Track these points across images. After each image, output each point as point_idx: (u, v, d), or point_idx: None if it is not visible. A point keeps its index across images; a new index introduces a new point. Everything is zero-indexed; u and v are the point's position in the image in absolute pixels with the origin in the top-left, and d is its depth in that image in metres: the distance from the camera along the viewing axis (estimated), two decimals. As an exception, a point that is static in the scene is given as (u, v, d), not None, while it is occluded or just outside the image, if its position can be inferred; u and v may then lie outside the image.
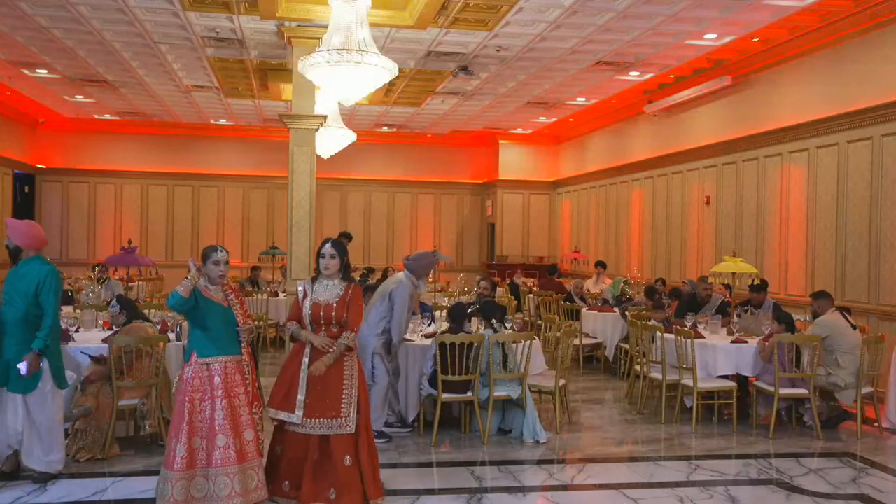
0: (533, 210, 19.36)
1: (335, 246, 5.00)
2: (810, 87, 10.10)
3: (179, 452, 4.50)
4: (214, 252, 4.84)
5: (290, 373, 4.91)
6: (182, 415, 4.56)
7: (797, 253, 10.26)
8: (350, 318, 4.92)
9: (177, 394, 4.67)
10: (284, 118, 10.28)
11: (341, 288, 4.97)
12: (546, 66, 11.73)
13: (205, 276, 4.79)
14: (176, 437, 4.54)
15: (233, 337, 4.76)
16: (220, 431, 4.56)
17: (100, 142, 18.47)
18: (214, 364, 4.66)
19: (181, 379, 4.67)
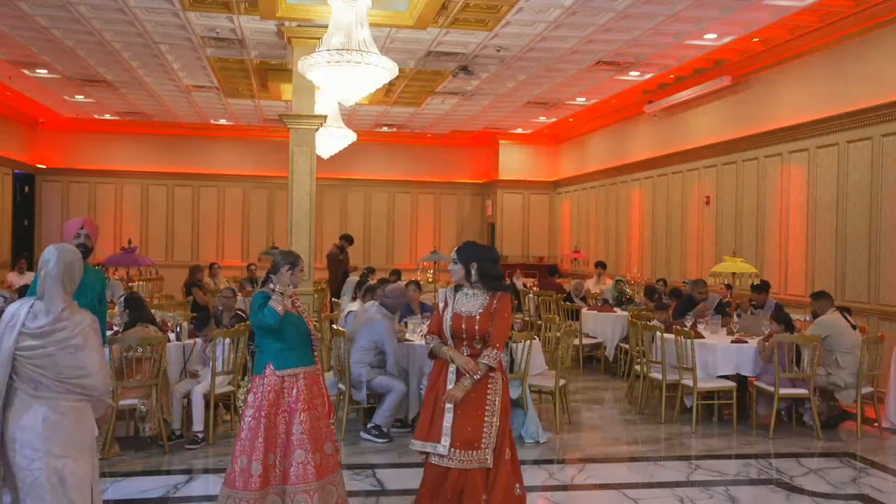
0: (533, 210, 19.36)
1: (458, 252, 4.45)
2: (810, 87, 10.10)
3: (255, 470, 4.23)
4: (299, 259, 4.59)
5: (433, 396, 4.32)
6: (257, 430, 4.27)
7: (797, 253, 10.26)
8: (494, 333, 4.28)
9: (246, 408, 4.36)
10: (284, 118, 10.28)
11: (485, 298, 4.35)
12: (546, 66, 11.73)
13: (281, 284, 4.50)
14: (249, 454, 4.26)
15: (308, 347, 4.54)
16: (299, 446, 4.31)
17: (100, 142, 18.47)
18: (292, 376, 4.41)
19: (253, 393, 4.36)
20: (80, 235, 5.23)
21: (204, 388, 6.56)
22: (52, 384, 3.29)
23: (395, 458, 6.33)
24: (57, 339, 3.27)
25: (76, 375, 3.31)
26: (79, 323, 3.34)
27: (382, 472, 5.94)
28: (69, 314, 3.34)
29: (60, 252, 3.42)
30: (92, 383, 3.35)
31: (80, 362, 3.30)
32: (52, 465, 3.25)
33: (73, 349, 3.29)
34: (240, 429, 4.39)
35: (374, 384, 6.94)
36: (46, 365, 3.27)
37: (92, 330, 3.38)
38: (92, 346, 3.35)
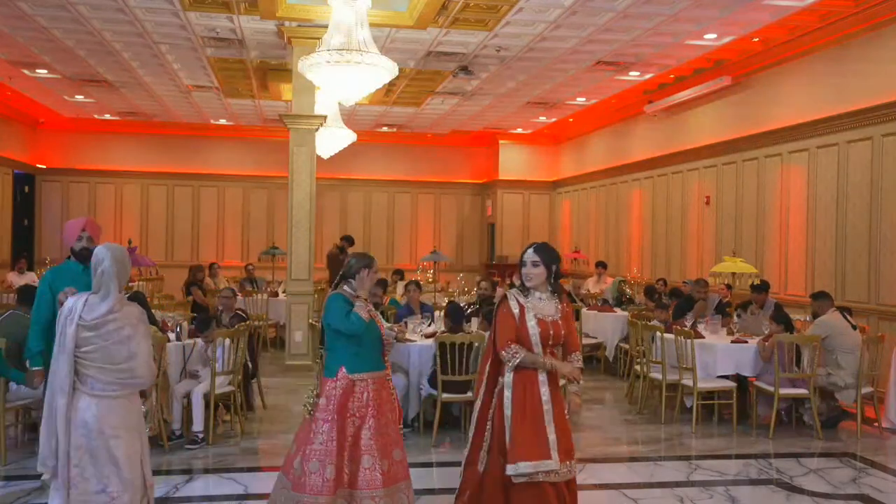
0: (533, 210, 19.36)
1: (539, 251, 4.18)
2: (810, 87, 10.10)
3: (329, 474, 4.11)
4: (374, 261, 4.48)
5: (529, 412, 4.03)
6: (330, 434, 4.17)
7: (797, 253, 10.25)
8: (572, 338, 4.21)
9: (318, 411, 4.25)
10: (284, 118, 10.29)
11: (556, 301, 4.19)
12: (546, 66, 11.73)
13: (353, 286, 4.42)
14: (322, 458, 4.14)
15: (379, 351, 4.42)
16: (367, 452, 4.20)
17: (100, 142, 18.47)
18: (364, 380, 4.29)
19: (325, 396, 4.26)
20: (83, 238, 5.16)
21: (204, 388, 6.56)
22: (106, 383, 3.63)
23: (395, 458, 6.33)
24: (109, 330, 3.62)
25: (126, 363, 3.65)
26: (128, 315, 3.70)
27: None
28: (120, 307, 3.69)
29: (112, 251, 3.75)
30: (139, 370, 3.68)
31: (130, 351, 3.65)
32: (106, 443, 3.61)
33: (124, 339, 3.64)
34: (309, 431, 4.23)
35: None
36: (100, 353, 3.61)
37: (140, 321, 3.73)
38: (140, 336, 3.70)
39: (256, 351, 8.64)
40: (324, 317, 4.43)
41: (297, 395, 8.66)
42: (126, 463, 3.64)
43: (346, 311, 4.26)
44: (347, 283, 4.43)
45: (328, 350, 4.39)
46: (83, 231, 5.19)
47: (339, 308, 4.29)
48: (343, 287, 4.43)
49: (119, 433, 3.64)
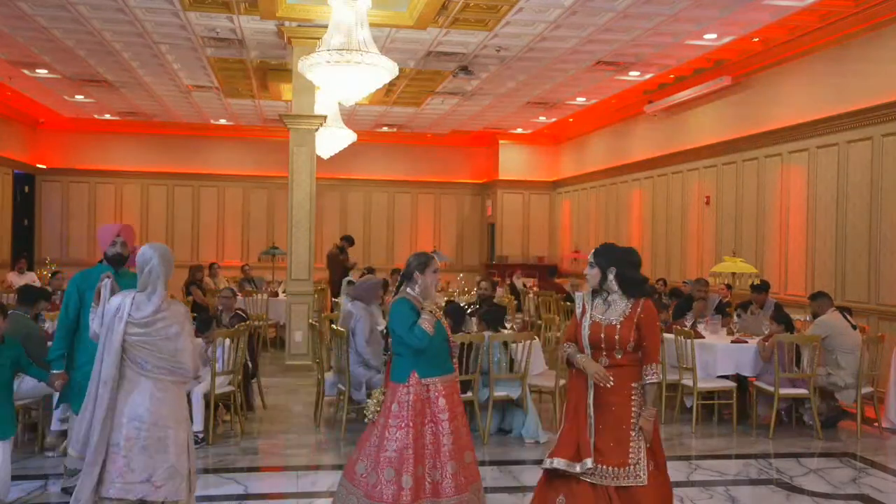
0: (533, 210, 19.36)
1: (595, 254, 4.10)
2: (810, 87, 10.10)
3: (406, 483, 4.01)
4: (433, 259, 4.38)
5: (573, 409, 4.06)
6: (405, 441, 4.08)
7: (797, 253, 10.25)
8: (648, 347, 3.96)
9: (389, 417, 4.16)
10: (284, 118, 10.29)
11: (627, 305, 4.01)
12: (546, 66, 11.73)
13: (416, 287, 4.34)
14: (398, 467, 4.04)
15: (448, 353, 4.33)
16: (450, 457, 4.12)
17: (100, 142, 18.47)
18: (436, 384, 4.20)
19: (397, 402, 4.16)
20: (117, 244, 5.09)
21: (204, 388, 6.56)
22: (155, 366, 3.80)
23: (395, 458, 6.33)
24: (158, 328, 3.78)
25: (174, 358, 3.81)
26: (175, 313, 3.86)
27: (382, 472, 5.93)
28: (167, 305, 3.85)
29: (159, 250, 3.91)
30: (186, 365, 3.85)
31: (176, 348, 3.81)
32: (157, 434, 3.78)
33: (172, 336, 3.80)
34: (381, 437, 4.14)
35: (374, 383, 6.93)
36: (149, 350, 3.78)
37: (186, 319, 3.89)
38: (186, 332, 3.86)
39: (256, 351, 8.63)
40: (389, 321, 4.31)
41: (297, 395, 8.67)
42: (174, 453, 3.79)
43: (411, 320, 4.17)
44: (409, 285, 4.34)
45: (396, 354, 4.28)
46: (118, 236, 5.13)
47: (403, 316, 4.20)
48: (406, 290, 4.34)
49: (170, 424, 3.80)
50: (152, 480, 3.74)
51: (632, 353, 3.98)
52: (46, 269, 14.18)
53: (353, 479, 4.19)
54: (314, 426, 7.34)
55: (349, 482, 4.22)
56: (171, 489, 3.77)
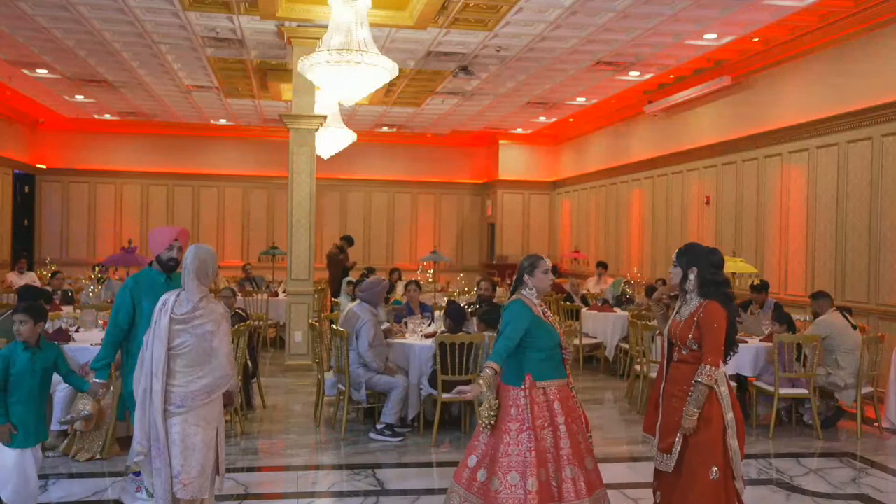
0: (533, 210, 19.36)
1: (678, 254, 4.18)
2: (810, 87, 10.10)
3: (532, 486, 3.94)
4: (541, 260, 4.32)
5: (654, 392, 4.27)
6: (526, 444, 4.01)
7: (797, 253, 10.25)
8: (704, 347, 4.01)
9: (507, 421, 4.10)
10: (284, 118, 10.29)
11: (696, 304, 4.10)
12: (546, 66, 11.73)
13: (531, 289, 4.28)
14: (521, 470, 3.97)
15: (560, 358, 4.27)
16: (568, 462, 4.08)
17: (100, 142, 18.47)
18: (551, 388, 4.15)
19: (514, 405, 4.11)
20: (174, 248, 4.93)
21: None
22: (189, 364, 3.88)
23: (395, 458, 6.33)
24: (194, 325, 3.87)
25: (207, 357, 3.87)
26: (212, 311, 3.93)
27: (382, 471, 5.94)
28: (205, 304, 3.94)
29: (196, 251, 4.01)
30: (220, 365, 3.90)
31: (211, 347, 3.87)
32: (186, 431, 3.87)
33: (207, 335, 3.87)
34: (498, 442, 4.09)
35: (374, 383, 6.94)
36: (188, 348, 3.87)
37: (223, 318, 3.94)
38: (222, 332, 3.91)
39: (256, 351, 8.63)
40: (501, 321, 4.25)
41: (297, 395, 8.67)
42: (202, 452, 3.88)
43: (523, 325, 4.13)
44: (522, 287, 4.30)
45: (509, 357, 4.18)
46: (175, 240, 4.98)
47: (515, 316, 4.16)
48: (522, 292, 4.29)
49: (200, 423, 3.89)
50: (180, 478, 3.86)
51: (696, 352, 4.05)
52: (46, 270, 14.17)
53: (470, 487, 4.13)
54: (314, 426, 7.34)
55: (465, 490, 4.16)
56: (197, 487, 3.87)
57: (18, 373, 4.36)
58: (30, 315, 4.43)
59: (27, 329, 4.41)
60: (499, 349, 4.06)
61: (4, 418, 4.30)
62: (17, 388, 4.35)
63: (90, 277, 11.41)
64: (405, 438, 6.82)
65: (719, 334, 4.01)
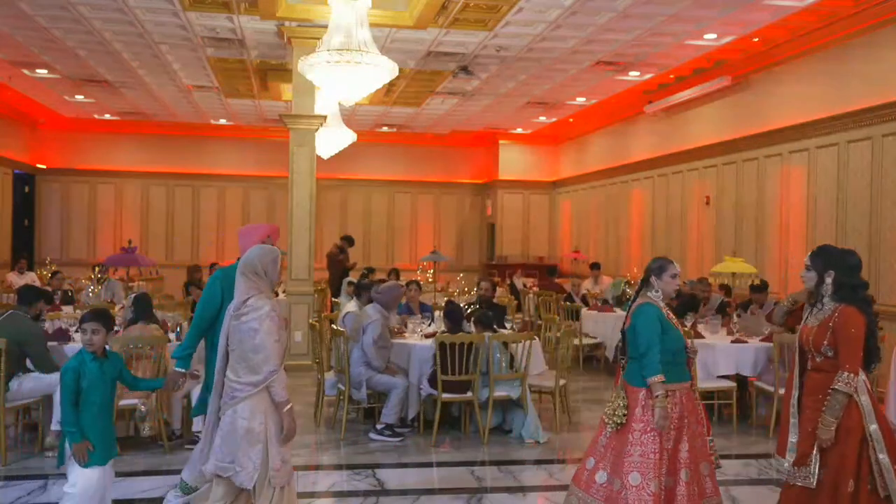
0: (533, 210, 19.36)
1: (811, 256, 4.07)
2: (810, 87, 10.10)
3: (653, 488, 3.94)
4: (670, 264, 4.30)
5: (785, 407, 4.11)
6: (650, 446, 4.01)
7: (797, 253, 10.25)
8: (841, 353, 3.86)
9: (633, 422, 4.09)
10: (284, 118, 10.28)
11: (830, 309, 3.97)
12: (546, 66, 11.73)
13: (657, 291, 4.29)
14: (643, 472, 3.97)
15: (685, 361, 4.25)
16: (684, 465, 4.04)
17: (100, 142, 18.47)
18: (675, 391, 4.11)
19: (640, 406, 4.10)
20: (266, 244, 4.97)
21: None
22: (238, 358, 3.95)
23: (395, 458, 6.33)
24: (241, 321, 3.94)
25: (251, 353, 3.91)
26: (257, 309, 3.94)
27: (382, 472, 5.94)
28: (253, 301, 3.97)
29: (251, 250, 4.13)
30: (264, 360, 3.90)
31: (254, 344, 3.90)
32: (237, 423, 3.92)
33: (251, 332, 3.90)
34: (623, 442, 4.08)
35: (374, 383, 6.94)
36: (235, 339, 3.96)
37: (268, 317, 3.92)
38: (265, 330, 3.91)
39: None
40: (633, 324, 4.24)
41: (297, 395, 8.62)
42: (246, 440, 3.90)
43: (657, 330, 4.12)
44: (648, 289, 4.30)
45: (633, 360, 4.23)
46: (268, 237, 4.97)
47: (650, 321, 4.14)
48: (649, 294, 4.28)
49: (244, 413, 3.91)
50: (232, 465, 3.93)
51: (832, 359, 3.91)
52: (46, 270, 14.18)
53: (589, 490, 4.13)
54: (314, 426, 7.33)
55: (584, 492, 4.15)
56: (245, 477, 3.90)
57: (89, 385, 4.09)
58: (102, 323, 4.19)
59: (100, 339, 4.16)
60: (653, 359, 4.04)
61: (79, 435, 4.03)
62: (89, 402, 4.09)
63: (90, 277, 11.41)
64: (405, 438, 6.82)
65: (857, 340, 3.87)
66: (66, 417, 4.07)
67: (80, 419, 4.04)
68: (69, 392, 4.05)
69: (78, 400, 4.06)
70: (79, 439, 4.03)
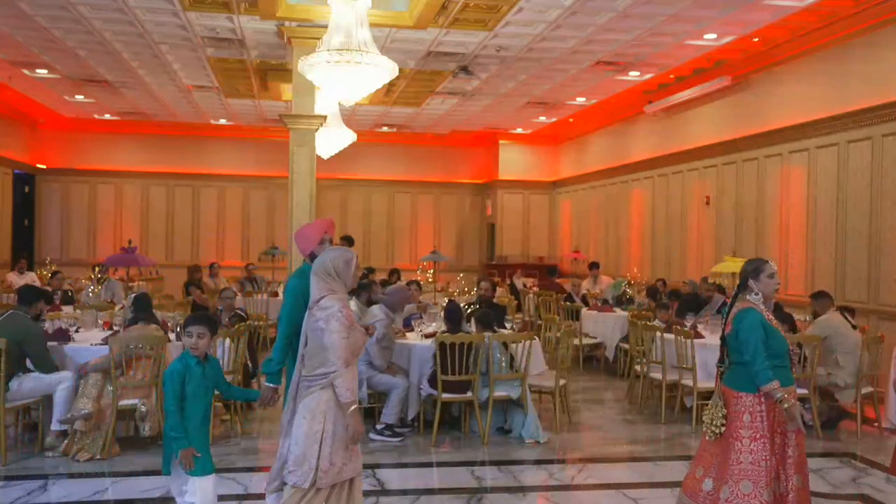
0: (533, 210, 19.36)
1: None
2: (810, 87, 10.10)
3: (766, 497, 3.90)
4: (766, 264, 4.20)
5: None
6: (761, 454, 3.94)
7: (797, 253, 10.25)
8: None
9: (741, 429, 4.01)
10: (284, 118, 10.28)
11: None
12: (546, 66, 11.73)
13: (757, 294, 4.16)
14: (754, 479, 3.91)
15: (790, 365, 4.19)
16: (796, 470, 3.99)
17: (100, 142, 18.47)
18: None
19: (748, 412, 4.01)
20: (325, 242, 4.89)
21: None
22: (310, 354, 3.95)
23: (395, 458, 6.33)
24: (313, 319, 3.95)
25: (321, 351, 3.91)
26: (326, 308, 3.92)
27: (382, 472, 5.93)
28: (324, 301, 3.95)
29: (325, 252, 4.13)
30: (329, 360, 3.88)
31: (323, 342, 3.89)
32: (297, 420, 3.94)
33: (319, 331, 3.91)
34: (727, 450, 4.03)
35: (375, 382, 6.95)
36: (309, 340, 3.97)
37: (334, 317, 3.89)
38: (332, 330, 3.88)
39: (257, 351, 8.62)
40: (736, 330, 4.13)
41: (297, 395, 8.66)
42: (303, 441, 3.89)
43: (761, 336, 4.02)
44: (745, 292, 4.20)
45: (739, 364, 4.10)
46: (325, 234, 4.95)
47: (754, 328, 4.03)
48: (748, 298, 4.19)
49: (304, 414, 3.91)
50: (288, 464, 3.93)
51: None
52: (46, 270, 14.18)
53: (696, 498, 4.09)
54: (314, 426, 7.32)
55: (691, 500, 4.12)
56: (300, 476, 3.87)
57: (194, 390, 4.05)
58: (207, 328, 4.16)
59: (205, 343, 4.13)
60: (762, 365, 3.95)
61: (185, 441, 3.97)
62: (194, 407, 4.05)
63: (90, 277, 11.41)
64: (405, 438, 6.83)
65: None
66: (171, 423, 4.01)
67: (184, 424, 3.99)
68: (175, 397, 4.01)
69: (183, 405, 4.01)
70: (185, 445, 3.98)
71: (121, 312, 8.01)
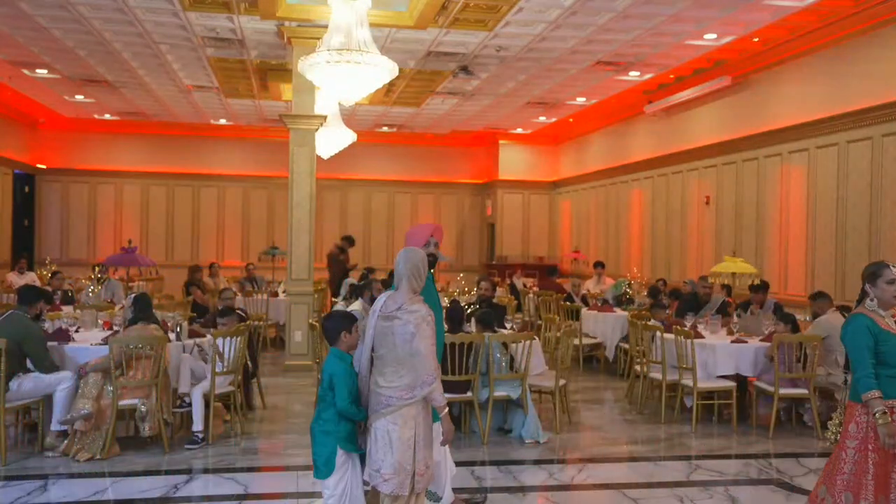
0: (533, 210, 19.36)
1: None
2: (810, 87, 10.10)
3: None
4: (887, 269, 3.94)
5: None
6: (864, 465, 3.80)
7: (797, 253, 10.25)
8: None
9: (846, 438, 3.91)
10: (284, 118, 10.28)
11: None
12: (546, 66, 11.73)
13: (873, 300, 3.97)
14: (856, 492, 3.78)
15: None
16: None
17: (100, 142, 18.48)
18: (892, 407, 3.82)
19: (854, 422, 3.89)
20: (430, 244, 4.97)
21: (204, 388, 6.55)
22: (392, 361, 3.90)
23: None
24: (398, 324, 3.90)
25: (409, 357, 3.88)
26: (415, 312, 3.90)
27: (382, 472, 5.92)
28: (410, 305, 3.94)
29: (408, 254, 4.09)
30: (421, 365, 3.87)
31: (413, 347, 3.86)
32: (384, 427, 3.90)
33: (408, 336, 3.87)
34: (837, 459, 3.92)
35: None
36: (387, 342, 3.91)
37: (424, 321, 3.89)
38: (423, 335, 3.87)
39: (257, 351, 8.64)
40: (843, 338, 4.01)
41: (297, 395, 8.66)
42: (398, 448, 3.88)
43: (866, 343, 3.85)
44: (866, 297, 3.99)
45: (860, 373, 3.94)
46: (431, 237, 5.03)
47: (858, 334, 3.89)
48: (865, 303, 3.99)
49: (396, 420, 3.88)
50: (381, 472, 3.90)
51: None
52: (46, 270, 14.17)
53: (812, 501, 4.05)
54: (314, 426, 7.32)
55: None
56: (396, 484, 3.88)
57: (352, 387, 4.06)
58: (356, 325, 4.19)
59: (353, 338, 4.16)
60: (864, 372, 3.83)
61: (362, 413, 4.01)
62: None
63: (90, 277, 11.41)
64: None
65: None
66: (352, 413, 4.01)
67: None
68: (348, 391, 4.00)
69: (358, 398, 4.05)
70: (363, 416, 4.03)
71: (121, 312, 8.01)
